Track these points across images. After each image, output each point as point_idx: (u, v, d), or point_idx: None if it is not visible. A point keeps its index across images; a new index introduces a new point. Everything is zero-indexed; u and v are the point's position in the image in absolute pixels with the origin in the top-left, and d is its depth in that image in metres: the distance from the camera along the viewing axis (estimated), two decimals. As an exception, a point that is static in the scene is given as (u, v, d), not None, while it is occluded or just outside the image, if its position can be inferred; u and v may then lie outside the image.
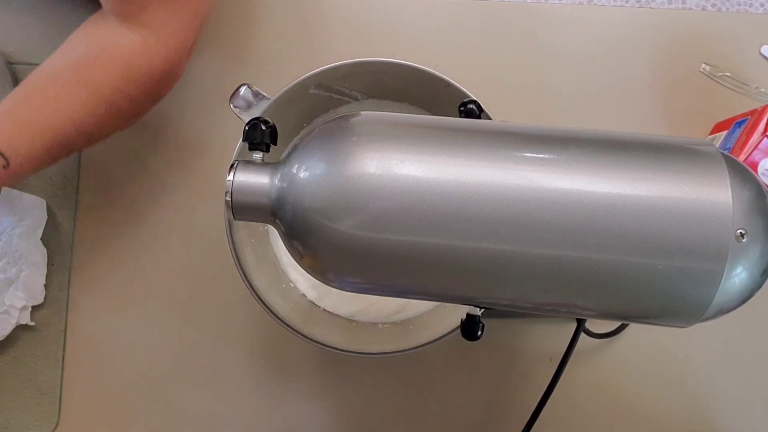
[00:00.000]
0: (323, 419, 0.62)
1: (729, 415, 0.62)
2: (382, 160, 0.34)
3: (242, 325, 0.63)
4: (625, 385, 0.62)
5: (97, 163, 0.64)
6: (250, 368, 0.63)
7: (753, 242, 0.33)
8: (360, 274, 0.37)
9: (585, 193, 0.33)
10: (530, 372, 0.62)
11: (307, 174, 0.36)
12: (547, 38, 0.66)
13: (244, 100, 0.52)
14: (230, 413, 0.62)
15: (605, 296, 0.35)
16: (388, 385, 0.63)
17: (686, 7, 0.65)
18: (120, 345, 0.63)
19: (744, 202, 0.33)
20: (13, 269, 0.61)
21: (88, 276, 0.63)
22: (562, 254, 0.33)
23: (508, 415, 0.62)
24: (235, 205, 0.38)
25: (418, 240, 0.34)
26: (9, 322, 0.61)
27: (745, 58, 0.65)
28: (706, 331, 0.62)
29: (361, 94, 0.60)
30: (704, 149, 0.35)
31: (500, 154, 0.35)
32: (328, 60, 0.55)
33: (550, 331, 0.62)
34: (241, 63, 0.65)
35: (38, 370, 0.62)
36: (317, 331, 0.55)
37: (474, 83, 0.54)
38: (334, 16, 0.67)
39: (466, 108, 0.44)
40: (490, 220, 0.33)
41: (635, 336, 0.62)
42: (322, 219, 0.35)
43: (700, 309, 0.34)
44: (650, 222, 0.33)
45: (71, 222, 0.64)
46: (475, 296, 0.38)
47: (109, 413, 0.62)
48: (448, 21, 0.66)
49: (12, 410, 0.62)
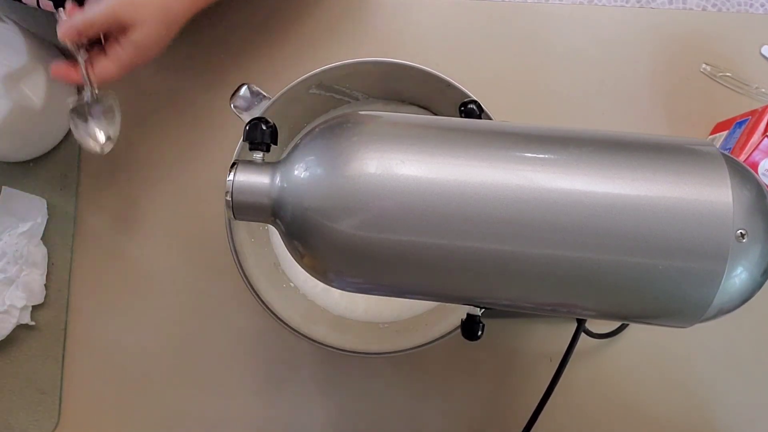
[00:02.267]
0: (323, 419, 0.62)
1: (729, 415, 0.62)
2: (383, 160, 0.34)
3: (242, 325, 0.63)
4: (625, 385, 0.62)
5: (98, 163, 0.65)
6: (250, 368, 0.63)
7: (753, 242, 0.33)
8: (360, 274, 0.37)
9: (585, 193, 0.33)
10: (530, 372, 0.62)
11: (308, 174, 0.36)
12: (547, 38, 0.66)
13: (245, 100, 0.52)
14: (230, 413, 0.62)
15: (605, 296, 0.35)
16: (388, 385, 0.63)
17: (687, 7, 0.65)
18: (120, 345, 0.63)
19: (744, 202, 0.33)
20: (14, 269, 0.61)
21: (88, 276, 0.63)
22: (562, 254, 0.33)
23: (508, 415, 0.62)
24: (235, 205, 0.38)
25: (419, 240, 0.34)
26: (9, 321, 0.61)
27: (745, 59, 0.65)
28: (707, 331, 0.62)
29: (361, 94, 0.60)
30: (705, 149, 0.35)
31: (500, 154, 0.35)
32: (328, 60, 0.55)
33: (550, 331, 0.62)
34: (241, 63, 0.65)
35: (38, 369, 0.62)
36: (317, 331, 0.55)
37: (474, 83, 0.54)
38: (334, 16, 0.67)
39: (466, 108, 0.44)
40: (490, 220, 0.33)
41: (635, 336, 0.62)
42: (322, 219, 0.35)
43: (701, 309, 0.34)
44: (650, 222, 0.33)
45: (71, 222, 0.64)
46: (475, 296, 0.38)
47: (109, 413, 0.62)
48: (448, 21, 0.66)
49: (12, 410, 0.62)
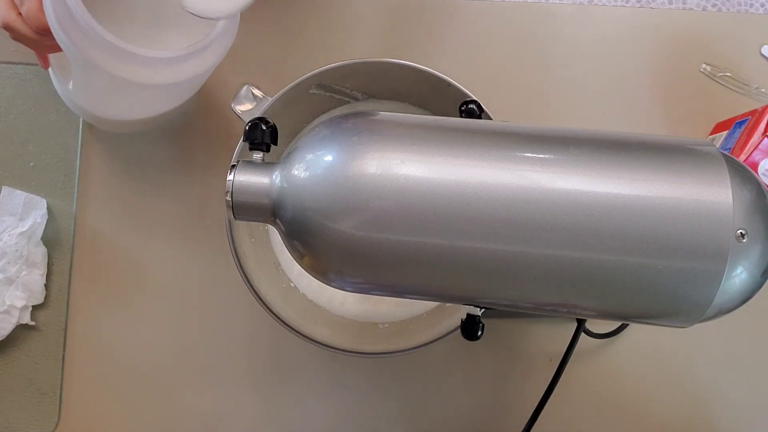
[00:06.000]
0: (323, 419, 0.62)
1: (729, 415, 0.62)
2: (383, 160, 0.34)
3: (242, 325, 0.63)
4: (625, 386, 0.62)
5: (98, 163, 0.64)
6: (251, 368, 0.63)
7: (753, 242, 0.33)
8: (360, 274, 0.37)
9: (585, 193, 0.33)
10: (530, 372, 0.62)
11: (308, 174, 0.36)
12: (547, 38, 0.66)
13: (245, 100, 0.52)
14: (230, 413, 0.62)
15: (606, 296, 0.35)
16: (388, 385, 0.63)
17: (687, 7, 0.64)
18: (120, 345, 0.63)
19: (744, 202, 0.33)
20: (14, 269, 0.61)
21: (89, 276, 0.63)
22: (562, 254, 0.34)
23: (508, 414, 0.62)
24: (235, 205, 0.38)
25: (419, 240, 0.34)
26: (9, 321, 0.61)
27: (745, 58, 0.65)
28: (707, 331, 0.62)
29: (361, 94, 0.60)
30: (705, 149, 0.35)
31: (501, 154, 0.35)
32: (328, 60, 0.55)
33: (550, 331, 0.62)
34: (242, 63, 0.65)
35: (38, 369, 0.62)
36: (317, 331, 0.55)
37: (474, 83, 0.54)
38: (334, 16, 0.67)
39: (466, 108, 0.44)
40: (490, 220, 0.33)
41: (635, 336, 0.62)
42: (322, 219, 0.35)
43: (701, 309, 0.34)
44: (651, 222, 0.33)
45: (71, 222, 0.64)
46: (475, 296, 0.38)
47: (109, 413, 0.62)
48: (448, 21, 0.66)
49: (12, 410, 0.62)
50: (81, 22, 0.44)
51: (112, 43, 0.45)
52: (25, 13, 0.48)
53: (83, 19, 0.44)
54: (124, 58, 0.46)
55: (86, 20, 0.44)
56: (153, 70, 0.48)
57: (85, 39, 0.45)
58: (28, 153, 0.64)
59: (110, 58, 0.46)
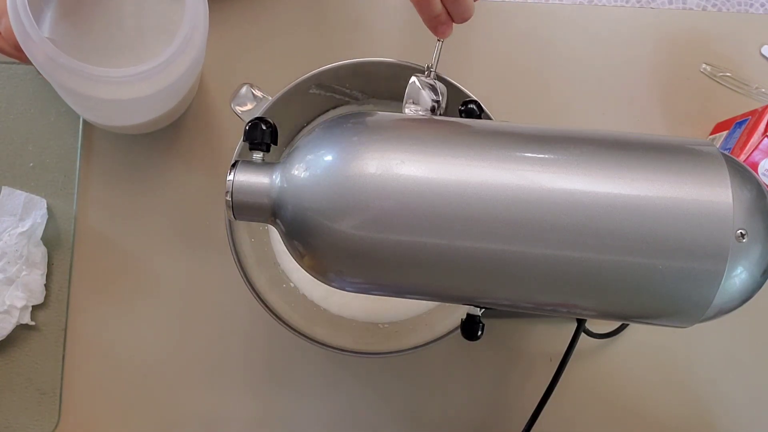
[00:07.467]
0: (323, 419, 0.62)
1: (729, 415, 0.62)
2: (383, 160, 0.34)
3: (242, 325, 0.63)
4: (625, 386, 0.62)
5: (98, 163, 0.64)
6: (250, 368, 0.63)
7: (753, 242, 0.33)
8: (360, 274, 0.37)
9: (585, 193, 0.33)
10: (530, 372, 0.62)
11: (308, 174, 0.36)
12: (547, 38, 0.66)
13: (245, 100, 0.52)
14: (230, 413, 0.62)
15: (606, 296, 0.35)
16: (388, 385, 0.63)
17: (686, 7, 0.65)
18: (120, 344, 0.63)
19: (744, 202, 0.33)
20: (14, 269, 0.61)
21: (89, 276, 0.63)
22: (562, 254, 0.34)
23: (508, 415, 0.62)
24: (235, 205, 0.38)
25: (419, 240, 0.34)
26: (9, 321, 0.61)
27: (745, 58, 0.65)
28: (707, 331, 0.62)
29: (361, 94, 0.60)
30: (705, 149, 0.35)
31: (501, 154, 0.35)
32: (328, 60, 0.55)
33: (550, 331, 0.62)
34: (242, 63, 0.65)
35: (38, 369, 0.62)
36: (318, 331, 0.55)
37: (474, 83, 0.54)
38: (334, 16, 0.67)
39: (466, 108, 0.44)
40: (490, 220, 0.33)
41: (635, 336, 0.62)
42: (322, 219, 0.35)
43: (701, 309, 0.34)
44: (651, 222, 0.33)
45: (71, 222, 0.64)
46: (475, 296, 0.38)
47: (109, 413, 0.62)
48: (448, 21, 0.66)
49: (12, 410, 0.62)
50: (39, 44, 0.46)
51: (71, 66, 0.47)
52: (3, 30, 0.49)
53: (39, 41, 0.46)
54: (85, 77, 0.48)
55: (41, 41, 0.46)
56: (116, 86, 0.49)
57: (48, 59, 0.47)
58: (28, 153, 0.64)
59: (72, 77, 0.48)
